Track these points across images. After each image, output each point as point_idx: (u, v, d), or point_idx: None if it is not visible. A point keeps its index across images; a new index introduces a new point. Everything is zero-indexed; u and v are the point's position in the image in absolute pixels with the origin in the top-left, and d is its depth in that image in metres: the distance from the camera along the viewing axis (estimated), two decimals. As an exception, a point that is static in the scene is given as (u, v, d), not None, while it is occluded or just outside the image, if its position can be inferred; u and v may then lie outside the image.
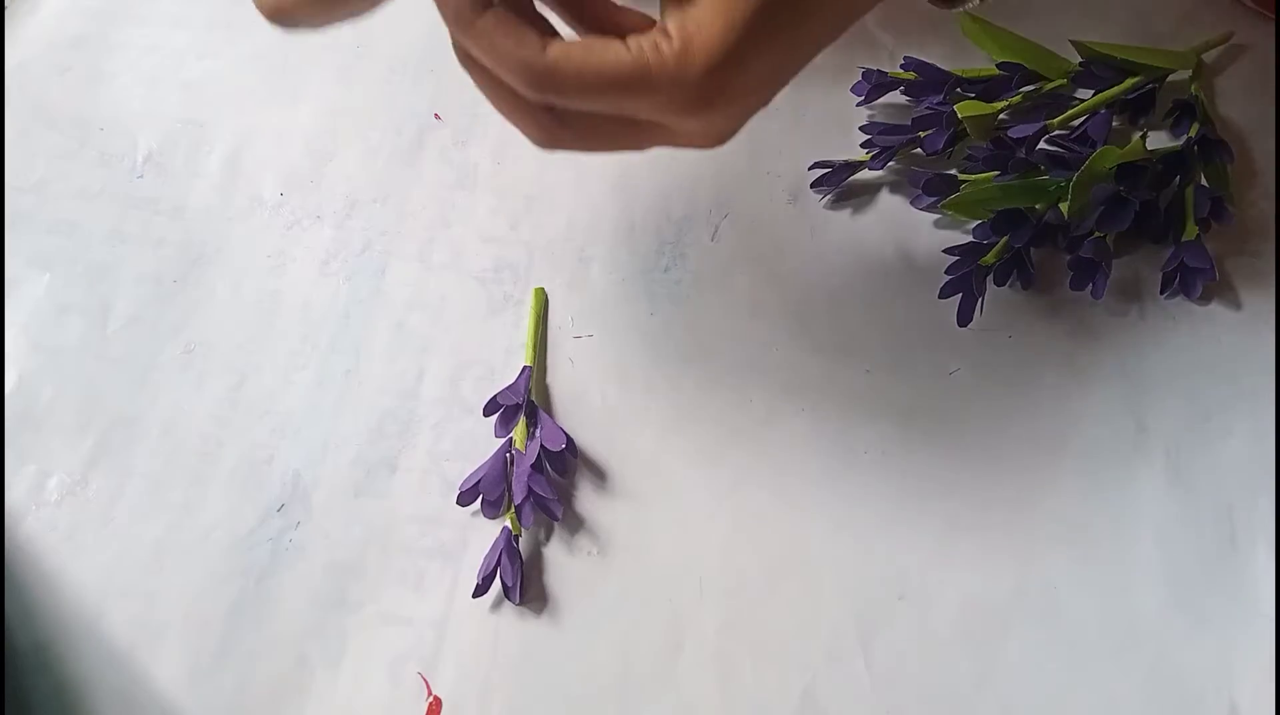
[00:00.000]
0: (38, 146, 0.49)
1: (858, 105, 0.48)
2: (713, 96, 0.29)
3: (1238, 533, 0.40)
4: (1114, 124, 0.46)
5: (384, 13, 0.51)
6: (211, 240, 0.46)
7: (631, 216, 0.46)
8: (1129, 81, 0.46)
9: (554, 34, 0.30)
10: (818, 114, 0.48)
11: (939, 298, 0.43)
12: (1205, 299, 0.44)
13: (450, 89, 0.50)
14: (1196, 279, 0.43)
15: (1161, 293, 0.44)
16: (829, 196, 0.46)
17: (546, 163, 0.47)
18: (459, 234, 0.46)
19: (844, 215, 0.46)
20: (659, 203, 0.47)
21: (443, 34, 0.30)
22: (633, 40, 0.29)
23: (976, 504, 0.41)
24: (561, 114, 0.31)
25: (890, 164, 0.46)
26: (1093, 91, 0.46)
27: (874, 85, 0.47)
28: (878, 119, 0.47)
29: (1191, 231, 0.43)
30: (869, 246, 0.46)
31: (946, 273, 0.43)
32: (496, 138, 0.49)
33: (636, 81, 0.29)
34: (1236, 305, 0.44)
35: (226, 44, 0.51)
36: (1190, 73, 0.47)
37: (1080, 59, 0.46)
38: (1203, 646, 0.38)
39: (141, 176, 0.48)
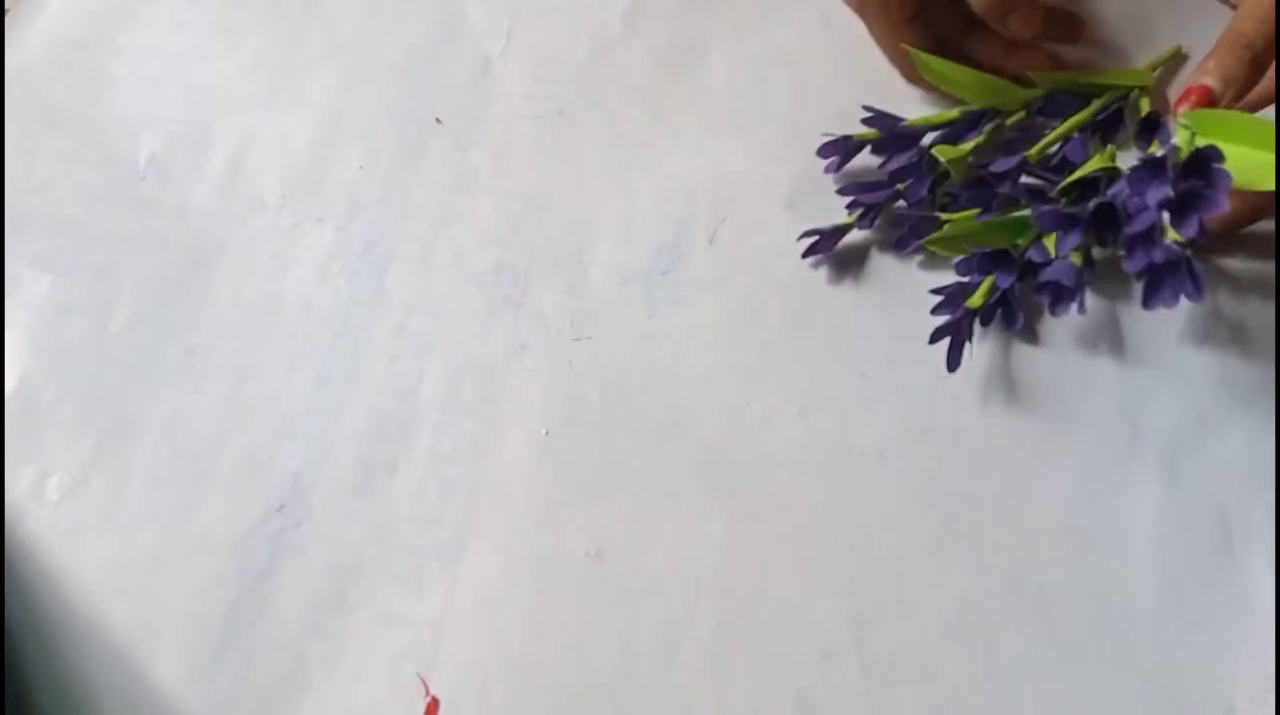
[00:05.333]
0: (40, 148, 0.49)
1: (825, 172, 0.47)
2: None
3: (1234, 536, 0.40)
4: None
5: (386, 16, 0.52)
6: (213, 242, 0.47)
7: (630, 219, 0.47)
8: (1095, 104, 0.46)
9: None
10: (816, 119, 0.48)
11: (929, 343, 0.42)
12: (1201, 302, 0.44)
13: (451, 92, 0.50)
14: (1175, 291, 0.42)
15: (1144, 305, 0.42)
16: (822, 262, 0.46)
17: (546, 166, 0.48)
18: (459, 236, 0.47)
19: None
20: (658, 206, 0.47)
21: (445, 38, 0.30)
22: None
23: (971, 506, 0.41)
24: None
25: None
26: (1059, 119, 0.46)
27: (843, 154, 0.46)
28: (860, 163, 0.47)
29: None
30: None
31: (933, 313, 0.42)
32: (497, 141, 0.49)
33: None
34: (1232, 308, 0.44)
35: (229, 46, 0.52)
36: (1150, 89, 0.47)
37: (1043, 90, 0.46)
38: (1199, 650, 0.38)
39: (144, 178, 0.48)
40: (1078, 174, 0.42)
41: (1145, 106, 0.46)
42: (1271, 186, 0.37)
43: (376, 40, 0.52)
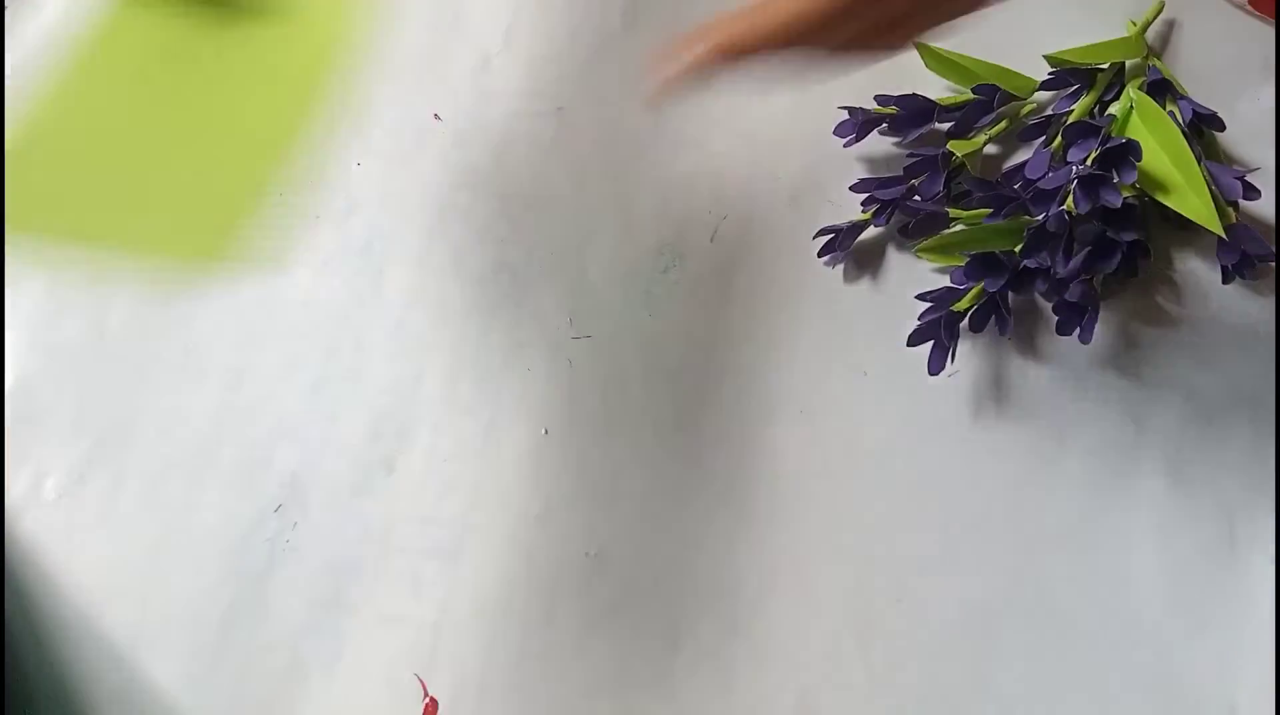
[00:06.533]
0: (38, 147, 0.49)
1: (845, 146, 0.47)
2: None
3: (1237, 535, 0.40)
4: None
5: (386, 15, 0.52)
6: (211, 241, 0.47)
7: (630, 217, 0.46)
8: (1101, 80, 0.45)
9: None
10: (816, 118, 0.48)
11: (907, 345, 0.42)
12: (1205, 302, 0.44)
13: (450, 91, 0.50)
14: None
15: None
16: (839, 260, 0.45)
17: (546, 163, 0.47)
18: (458, 235, 0.47)
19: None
20: (658, 204, 0.47)
21: (444, 35, 0.29)
22: None
23: (974, 506, 0.41)
24: None
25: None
26: (1070, 104, 0.46)
27: (858, 128, 0.46)
28: (868, 158, 0.47)
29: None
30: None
31: (918, 318, 0.42)
32: (497, 139, 0.49)
33: None
34: (1235, 309, 0.44)
35: (227, 45, 0.52)
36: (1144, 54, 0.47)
37: (1049, 71, 0.46)
38: (1202, 649, 0.38)
39: (142, 177, 0.48)
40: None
41: (1148, 61, 0.46)
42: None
43: (376, 39, 0.51)
